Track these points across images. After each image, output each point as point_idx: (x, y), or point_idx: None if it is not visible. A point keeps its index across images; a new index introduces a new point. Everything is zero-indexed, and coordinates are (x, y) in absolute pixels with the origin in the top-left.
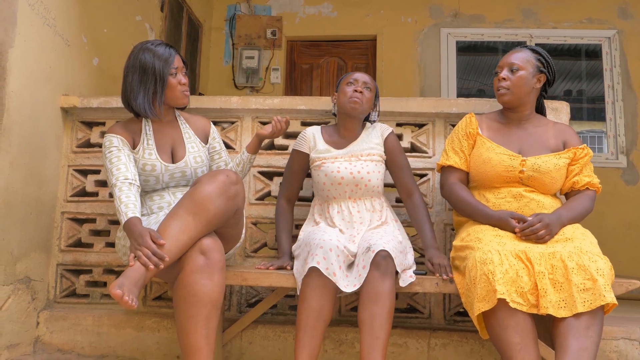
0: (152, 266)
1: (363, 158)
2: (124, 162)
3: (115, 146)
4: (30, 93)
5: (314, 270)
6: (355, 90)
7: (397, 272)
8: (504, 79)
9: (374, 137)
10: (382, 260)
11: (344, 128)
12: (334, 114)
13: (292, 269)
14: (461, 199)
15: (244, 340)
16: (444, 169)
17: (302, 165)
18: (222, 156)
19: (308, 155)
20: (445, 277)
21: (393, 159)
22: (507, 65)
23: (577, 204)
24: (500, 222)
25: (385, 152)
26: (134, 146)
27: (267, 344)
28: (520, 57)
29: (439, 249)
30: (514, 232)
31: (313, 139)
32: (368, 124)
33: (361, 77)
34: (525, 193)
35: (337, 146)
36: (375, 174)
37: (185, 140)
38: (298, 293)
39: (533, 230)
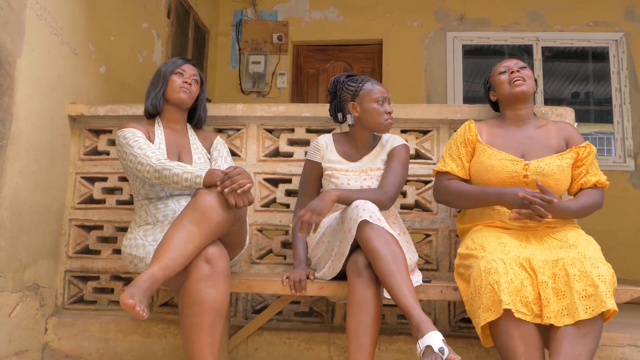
0: None
1: (372, 173)
2: (153, 149)
3: (140, 136)
4: (38, 102)
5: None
6: (387, 112)
7: None
8: (517, 71)
9: (385, 152)
10: (364, 270)
11: (358, 141)
12: (351, 125)
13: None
14: (461, 190)
15: (250, 347)
16: (439, 175)
17: (316, 175)
18: (218, 163)
19: (320, 164)
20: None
21: (388, 161)
22: (514, 64)
23: (585, 197)
24: (512, 196)
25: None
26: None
27: (273, 350)
28: (520, 61)
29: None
30: (522, 202)
31: (325, 148)
32: (383, 136)
33: (383, 92)
34: None
35: (349, 158)
36: None
37: (192, 151)
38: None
39: (539, 199)
